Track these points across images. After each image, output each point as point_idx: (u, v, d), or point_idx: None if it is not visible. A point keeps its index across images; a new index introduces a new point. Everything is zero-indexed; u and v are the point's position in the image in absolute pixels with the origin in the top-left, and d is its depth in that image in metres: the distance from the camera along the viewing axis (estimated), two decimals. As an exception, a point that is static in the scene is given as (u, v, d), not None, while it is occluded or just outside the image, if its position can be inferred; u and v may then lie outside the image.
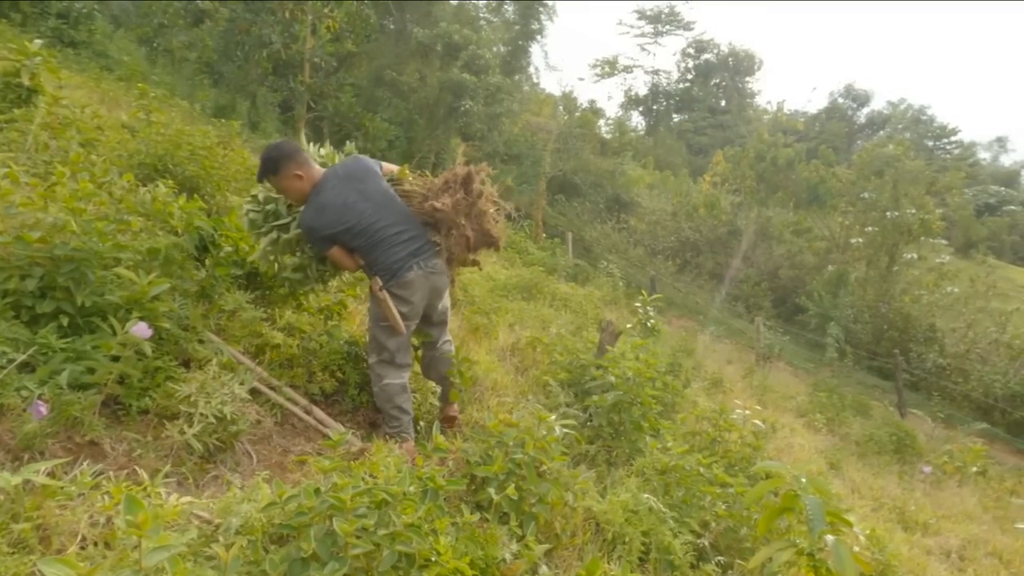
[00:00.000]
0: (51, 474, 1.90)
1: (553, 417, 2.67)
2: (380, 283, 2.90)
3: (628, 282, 13.58)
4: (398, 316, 2.91)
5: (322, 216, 2.90)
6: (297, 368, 3.24)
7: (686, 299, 16.90)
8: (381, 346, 3.00)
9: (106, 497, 1.80)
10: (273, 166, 2.92)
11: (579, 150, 22.04)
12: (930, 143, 42.33)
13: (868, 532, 3.15)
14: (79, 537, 1.71)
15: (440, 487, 1.97)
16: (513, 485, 2.31)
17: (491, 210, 3.12)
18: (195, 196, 3.69)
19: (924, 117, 44.53)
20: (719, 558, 2.79)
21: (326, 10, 14.10)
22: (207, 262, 3.23)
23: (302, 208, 2.99)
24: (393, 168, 3.27)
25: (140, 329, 2.33)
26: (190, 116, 9.46)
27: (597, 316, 7.36)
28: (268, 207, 3.16)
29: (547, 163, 19.72)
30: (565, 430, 2.76)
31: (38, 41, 4.88)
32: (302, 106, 15.12)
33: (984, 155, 45.99)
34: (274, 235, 3.11)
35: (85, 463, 2.06)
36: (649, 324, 7.19)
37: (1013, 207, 36.87)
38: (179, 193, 3.72)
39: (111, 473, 2.08)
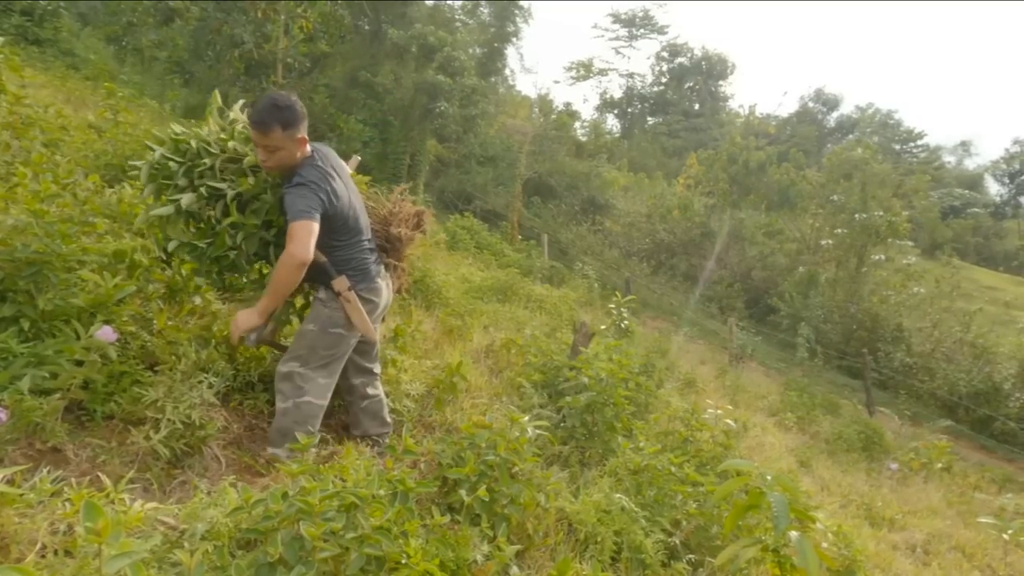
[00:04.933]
0: (10, 481, 1.86)
1: (526, 418, 2.67)
2: (348, 283, 2.62)
3: (603, 284, 13.67)
4: (368, 320, 2.67)
5: (325, 192, 2.48)
6: (272, 364, 3.18)
7: (660, 300, 17.05)
8: (314, 354, 2.63)
9: (67, 504, 1.76)
10: (289, 119, 2.44)
11: (555, 152, 22.16)
12: (897, 147, 43.33)
13: (835, 528, 3.20)
14: (39, 545, 1.68)
15: (410, 489, 1.96)
16: (485, 487, 2.31)
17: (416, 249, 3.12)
18: (163, 197, 3.62)
19: (891, 121, 45.57)
20: (690, 556, 2.82)
21: (299, 10, 13.97)
22: (173, 263, 3.17)
23: (295, 176, 2.50)
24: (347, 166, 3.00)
25: (105, 333, 2.29)
26: (159, 116, 9.31)
27: (572, 318, 7.39)
28: (202, 160, 2.58)
29: (523, 165, 19.78)
30: (538, 431, 2.77)
31: (0, 39, 4.76)
32: (275, 107, 14.92)
33: (949, 159, 47.20)
34: (202, 192, 2.53)
35: (46, 470, 2.01)
36: (623, 325, 7.26)
37: (977, 210, 37.94)
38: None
39: (73, 480, 2.04)
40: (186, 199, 2.52)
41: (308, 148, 2.58)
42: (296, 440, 2.44)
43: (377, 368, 3.02)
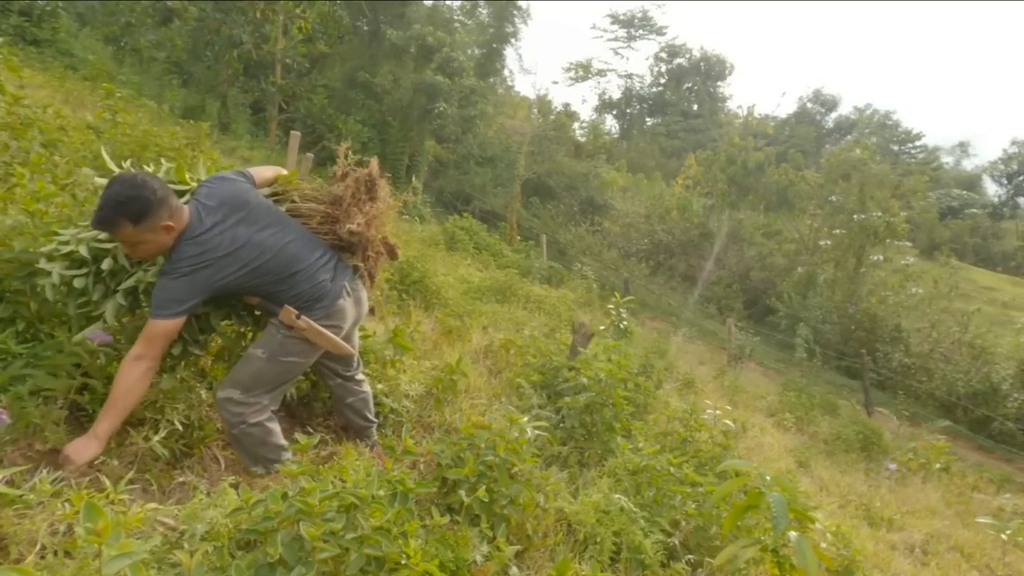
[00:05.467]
0: (10, 482, 1.86)
1: (525, 419, 2.67)
2: (294, 312, 2.35)
3: (602, 284, 13.70)
4: (336, 338, 2.46)
5: (207, 268, 2.20)
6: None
7: (659, 301, 17.07)
8: (259, 382, 2.39)
9: (66, 505, 1.76)
10: (138, 212, 2.09)
11: (553, 153, 22.21)
12: (895, 148, 43.46)
13: (834, 528, 3.21)
14: (38, 546, 1.67)
15: (410, 490, 1.96)
16: (484, 487, 2.31)
17: (388, 215, 2.65)
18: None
19: (889, 122, 45.71)
20: (689, 556, 2.82)
21: (298, 10, 13.99)
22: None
23: (167, 261, 2.22)
24: (269, 174, 2.66)
25: (99, 336, 2.26)
26: (158, 117, 9.31)
27: (570, 318, 7.40)
28: (103, 266, 2.29)
29: (521, 166, 19.82)
30: (537, 432, 2.77)
31: (-2, 39, 4.75)
32: (274, 107, 14.99)
33: (947, 159, 47.37)
34: (119, 301, 2.29)
35: (46, 471, 2.01)
36: (622, 326, 7.26)
37: (975, 210, 38.06)
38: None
39: (73, 481, 2.04)
40: (108, 312, 2.27)
41: (185, 217, 2.23)
42: (270, 458, 2.42)
43: (351, 372, 2.82)
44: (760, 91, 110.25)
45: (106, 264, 2.28)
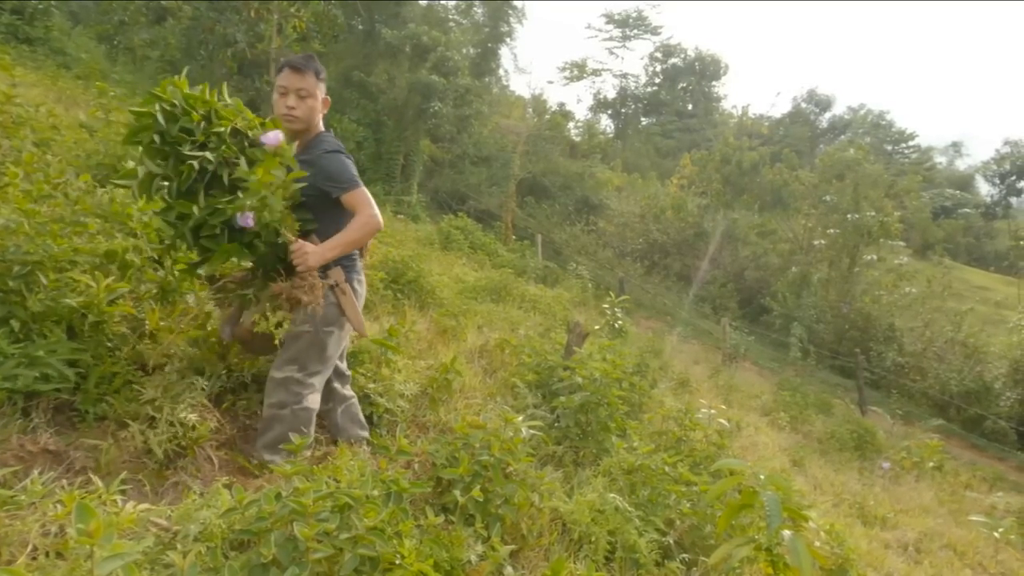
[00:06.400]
0: (1, 483, 1.85)
1: (520, 418, 2.67)
2: (343, 275, 2.49)
3: (597, 284, 13.71)
4: (359, 312, 2.56)
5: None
6: (266, 364, 3.16)
7: (654, 300, 17.09)
8: (311, 357, 2.49)
9: (58, 506, 1.75)
10: (322, 73, 2.58)
11: (548, 152, 22.19)
12: (889, 147, 43.59)
13: (828, 527, 3.22)
14: (29, 547, 1.67)
15: (404, 490, 1.96)
16: (479, 487, 2.31)
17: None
18: (155, 197, 3.59)
19: (883, 122, 45.83)
20: (684, 555, 2.83)
21: (292, 9, 13.93)
22: (166, 263, 3.14)
23: (324, 143, 2.52)
24: None
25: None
26: (152, 116, 9.25)
27: (566, 318, 7.40)
28: (218, 128, 2.30)
29: (517, 165, 19.80)
30: (532, 431, 2.77)
31: (-10, 37, 4.72)
32: (268, 106, 14.92)
33: (940, 159, 47.57)
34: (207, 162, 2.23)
35: (38, 471, 2.00)
36: (617, 325, 7.28)
37: (968, 210, 38.25)
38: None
39: (65, 481, 2.03)
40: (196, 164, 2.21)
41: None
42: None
43: (345, 371, 2.90)
44: (755, 91, 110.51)
45: (218, 128, 2.31)
